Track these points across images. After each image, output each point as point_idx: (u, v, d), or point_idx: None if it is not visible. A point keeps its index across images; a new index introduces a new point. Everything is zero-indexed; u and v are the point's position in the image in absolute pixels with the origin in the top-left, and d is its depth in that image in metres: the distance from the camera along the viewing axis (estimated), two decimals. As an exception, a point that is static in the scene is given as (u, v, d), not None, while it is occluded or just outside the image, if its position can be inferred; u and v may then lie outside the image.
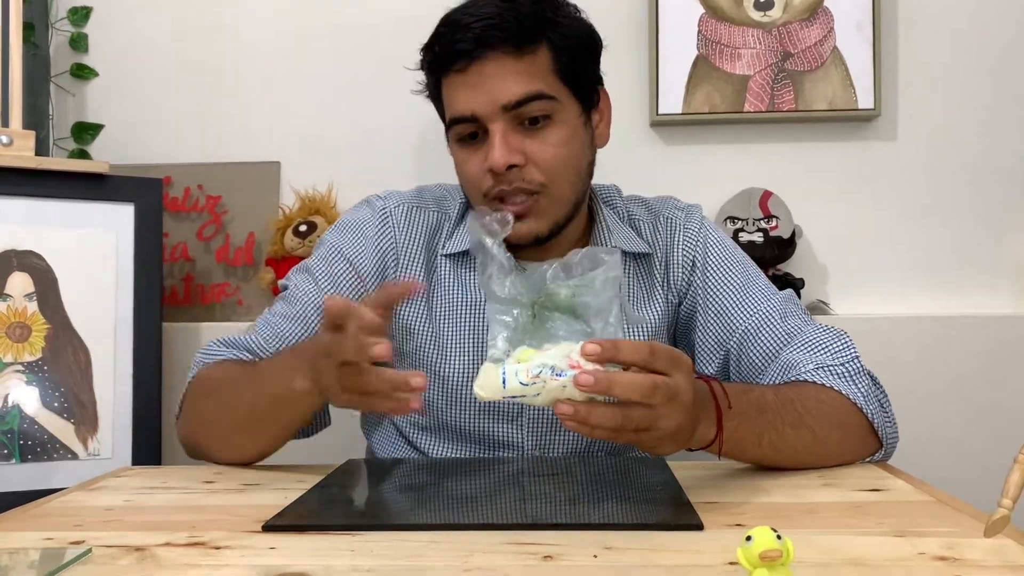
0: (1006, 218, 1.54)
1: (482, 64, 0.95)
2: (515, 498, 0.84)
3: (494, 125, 0.95)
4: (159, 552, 0.64)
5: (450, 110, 0.99)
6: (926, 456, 1.13)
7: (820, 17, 1.51)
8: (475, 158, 0.98)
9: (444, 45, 0.97)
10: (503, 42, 0.94)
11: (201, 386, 1.00)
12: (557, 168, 0.97)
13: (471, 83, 0.96)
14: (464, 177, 1.02)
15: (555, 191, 0.98)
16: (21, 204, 1.30)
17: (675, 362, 0.71)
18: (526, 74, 0.96)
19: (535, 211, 0.98)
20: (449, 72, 0.97)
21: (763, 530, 0.53)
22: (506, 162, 0.94)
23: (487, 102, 0.95)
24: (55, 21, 1.60)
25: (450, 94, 0.99)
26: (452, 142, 1.02)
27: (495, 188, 0.97)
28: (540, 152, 0.96)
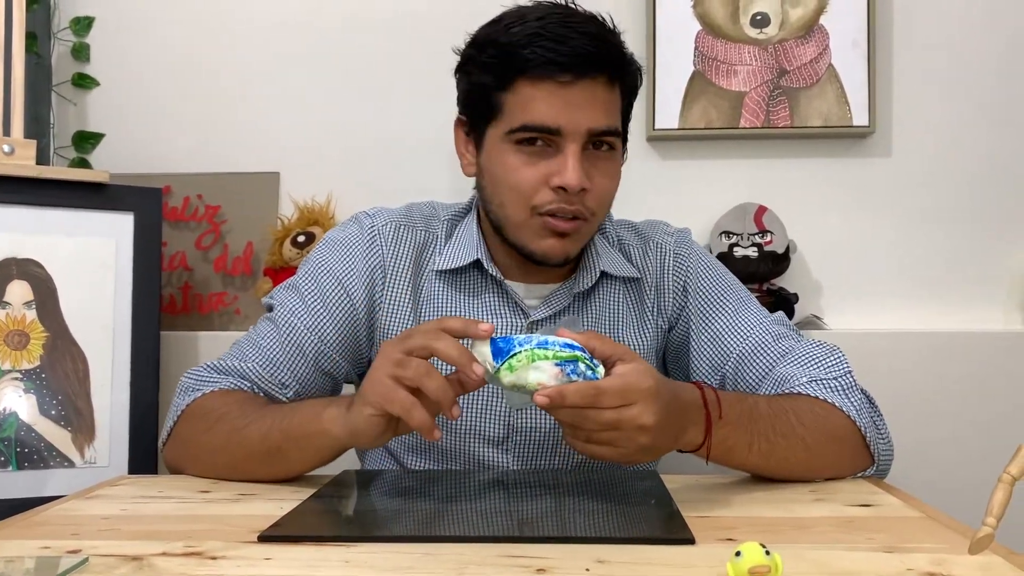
0: (999, 234, 1.55)
1: (586, 84, 0.94)
2: (509, 511, 0.84)
3: (573, 145, 0.94)
4: (156, 561, 0.65)
5: (526, 115, 0.95)
6: (918, 471, 1.14)
7: (816, 35, 1.53)
8: (533, 168, 0.96)
9: (544, 51, 0.93)
10: (608, 68, 0.95)
11: (201, 414, 0.96)
12: (606, 200, 1.00)
13: (567, 98, 0.93)
14: (514, 184, 0.97)
15: (596, 220, 1.00)
16: (22, 212, 1.31)
17: (625, 396, 0.75)
18: (613, 105, 0.97)
19: (576, 235, 0.98)
20: (544, 79, 0.94)
21: (752, 546, 0.54)
22: (581, 185, 0.94)
23: (578, 121, 0.94)
24: (57, 31, 1.61)
25: (533, 99, 0.94)
26: (505, 144, 0.97)
27: (554, 204, 0.95)
28: (600, 182, 0.97)
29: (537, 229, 0.98)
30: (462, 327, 0.79)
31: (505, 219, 1.00)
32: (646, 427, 0.75)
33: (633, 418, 0.75)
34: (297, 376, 1.02)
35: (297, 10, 1.61)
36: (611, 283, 1.08)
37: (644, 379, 0.76)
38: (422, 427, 0.77)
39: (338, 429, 0.84)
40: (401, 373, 0.77)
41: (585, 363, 0.75)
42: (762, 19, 1.54)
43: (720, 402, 0.83)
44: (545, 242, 0.98)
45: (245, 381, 1.00)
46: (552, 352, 0.75)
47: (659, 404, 0.76)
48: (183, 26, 1.63)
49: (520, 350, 0.75)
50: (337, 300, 1.03)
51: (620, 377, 0.76)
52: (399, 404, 0.77)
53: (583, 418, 0.76)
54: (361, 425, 0.81)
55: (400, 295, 1.05)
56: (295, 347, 1.02)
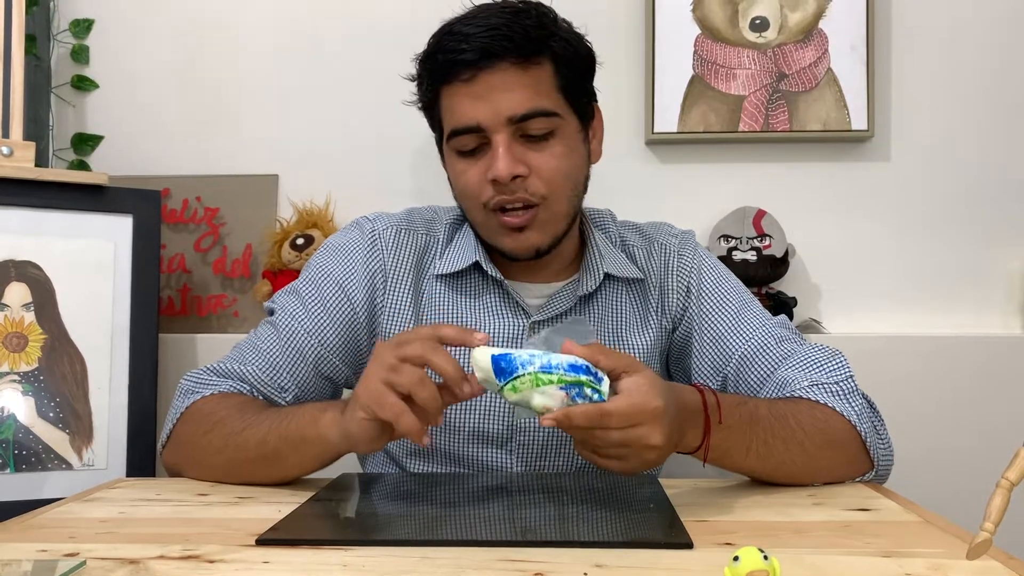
0: (998, 238, 1.55)
1: (489, 75, 0.95)
2: (507, 515, 0.84)
3: (498, 136, 0.95)
4: (153, 565, 0.65)
5: (452, 120, 0.98)
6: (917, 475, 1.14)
7: (815, 39, 1.53)
8: (475, 168, 0.98)
9: (448, 54, 0.95)
10: (510, 53, 0.94)
11: (199, 417, 0.96)
12: (558, 180, 0.98)
13: (476, 93, 0.95)
14: (463, 188, 1.01)
15: (554, 204, 0.99)
16: (21, 215, 1.30)
17: (631, 418, 0.74)
18: (531, 88, 0.96)
19: (535, 224, 0.98)
20: (453, 82, 0.96)
21: (750, 550, 0.54)
22: (510, 172, 0.94)
23: (493, 113, 0.95)
24: (57, 33, 1.61)
25: (452, 104, 0.98)
26: (450, 153, 1.01)
27: (496, 198, 0.97)
28: (542, 164, 0.97)
29: (496, 227, 0.99)
30: (457, 336, 0.79)
31: (473, 222, 1.03)
32: (654, 446, 0.75)
33: (640, 438, 0.75)
34: (297, 380, 1.02)
35: (296, 13, 1.61)
36: (614, 284, 1.08)
37: (651, 399, 0.75)
38: (410, 433, 0.76)
39: (334, 434, 0.84)
40: (395, 379, 0.77)
41: (590, 386, 0.74)
42: (761, 23, 1.54)
43: (720, 406, 0.83)
44: (508, 238, 0.99)
45: (244, 384, 1.00)
46: (557, 376, 0.73)
47: (666, 422, 0.75)
48: (182, 29, 1.63)
49: (523, 373, 0.74)
50: (338, 304, 1.04)
51: (627, 397, 0.75)
52: (389, 409, 0.77)
53: (591, 436, 0.77)
54: (354, 429, 0.81)
55: (401, 299, 1.05)
56: (295, 351, 1.02)
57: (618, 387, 0.76)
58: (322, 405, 0.88)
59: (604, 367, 0.76)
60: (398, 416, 0.77)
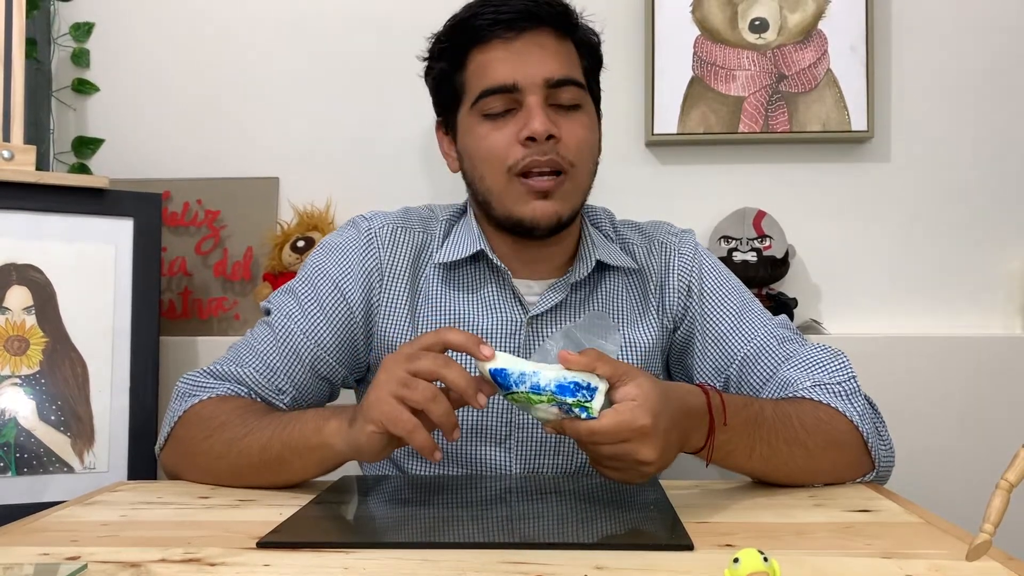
0: (998, 239, 1.55)
1: (530, 36, 0.97)
2: (507, 517, 0.84)
3: (533, 97, 0.96)
4: (155, 568, 0.65)
5: (484, 80, 0.97)
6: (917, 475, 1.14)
7: (814, 40, 1.53)
8: (502, 132, 0.97)
9: (488, 14, 0.97)
10: (551, 20, 0.98)
11: (199, 421, 0.96)
12: (584, 151, 1.00)
13: (518, 51, 0.97)
14: (486, 152, 0.98)
15: (578, 175, 1.00)
16: (21, 218, 1.31)
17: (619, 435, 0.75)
18: (566, 57, 0.99)
19: (560, 192, 0.98)
20: (491, 40, 0.97)
21: (750, 552, 0.54)
22: (547, 130, 0.95)
23: (532, 73, 0.96)
24: (57, 36, 1.61)
25: (487, 63, 0.98)
26: (473, 117, 0.99)
27: (527, 159, 0.96)
28: (572, 131, 0.98)
29: (519, 194, 0.98)
30: (463, 343, 0.79)
31: (488, 192, 1.00)
32: (645, 461, 0.76)
33: (629, 453, 0.76)
34: (294, 382, 1.02)
35: (296, 15, 1.61)
36: (613, 277, 1.08)
37: (639, 416, 0.74)
38: (424, 449, 0.77)
39: (340, 443, 0.84)
40: (407, 395, 0.77)
41: (579, 405, 0.75)
42: (760, 24, 1.54)
43: (725, 406, 0.83)
44: (530, 206, 0.98)
45: (242, 387, 1.00)
46: (546, 397, 0.75)
47: (657, 438, 0.75)
48: (183, 32, 1.63)
49: (516, 391, 0.76)
50: (334, 305, 1.03)
51: (615, 415, 0.75)
52: (402, 426, 0.77)
53: (586, 448, 0.78)
54: (362, 441, 0.81)
55: (397, 298, 1.04)
56: (292, 353, 1.02)
57: (613, 397, 0.76)
58: (326, 413, 0.88)
59: (603, 375, 0.76)
60: (411, 433, 0.77)
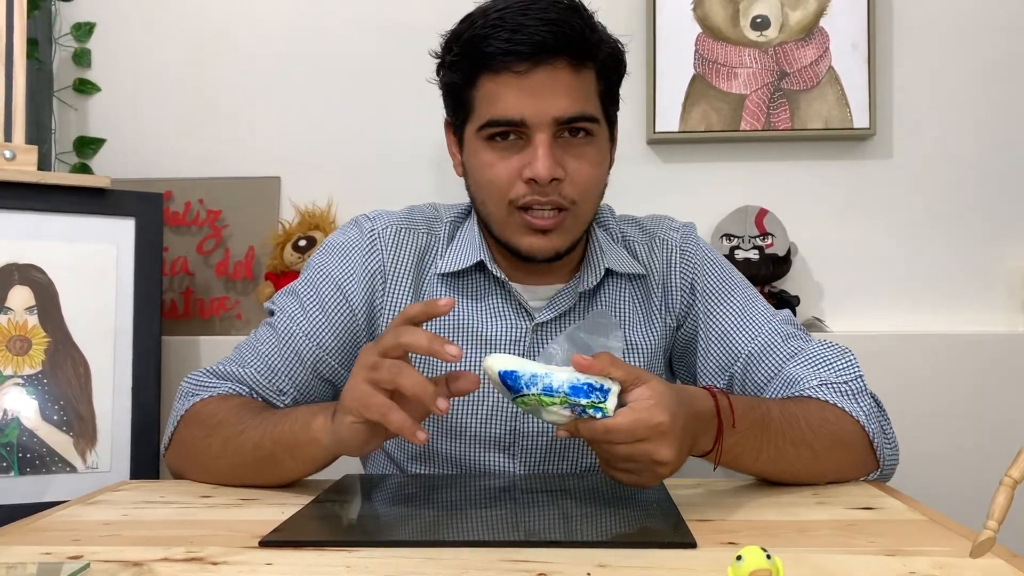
0: (1000, 236, 1.55)
1: (544, 71, 0.92)
2: (509, 515, 0.84)
3: (540, 135, 0.93)
4: (157, 567, 0.65)
5: (492, 111, 0.94)
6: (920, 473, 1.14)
7: (816, 37, 1.53)
8: (506, 163, 0.95)
9: (500, 42, 0.91)
10: (566, 52, 0.92)
11: (199, 419, 0.96)
12: (589, 188, 0.97)
13: (528, 88, 0.92)
14: (489, 181, 0.96)
15: (581, 210, 0.97)
16: (23, 218, 1.31)
17: (635, 434, 0.74)
18: (581, 91, 0.94)
19: (561, 228, 0.96)
20: (501, 72, 0.92)
21: (753, 550, 0.54)
22: (551, 175, 0.92)
23: (541, 111, 0.92)
24: (59, 37, 1.61)
25: (495, 93, 0.93)
26: (479, 140, 0.97)
27: (528, 197, 0.94)
28: (578, 170, 0.95)
29: (518, 225, 0.96)
30: (423, 310, 0.78)
31: (489, 216, 0.99)
32: (662, 461, 0.75)
33: (647, 453, 0.74)
34: (295, 383, 1.02)
35: (298, 15, 1.61)
36: (616, 281, 1.07)
37: (655, 414, 0.73)
38: (402, 429, 0.74)
39: (326, 439, 0.83)
40: (375, 376, 0.76)
41: (593, 406, 0.74)
42: (762, 22, 1.54)
43: (733, 409, 0.82)
44: (527, 239, 0.97)
45: (243, 386, 1.00)
46: (559, 398, 0.74)
47: (674, 437, 0.74)
48: (184, 31, 1.63)
49: (527, 393, 0.75)
50: (336, 306, 1.03)
51: (631, 413, 0.74)
52: (375, 409, 0.76)
53: (601, 449, 0.77)
54: (344, 434, 0.80)
55: (401, 300, 1.03)
56: (293, 354, 1.01)
57: (626, 399, 0.75)
58: (314, 409, 0.87)
59: (616, 378, 0.75)
60: (385, 414, 0.75)
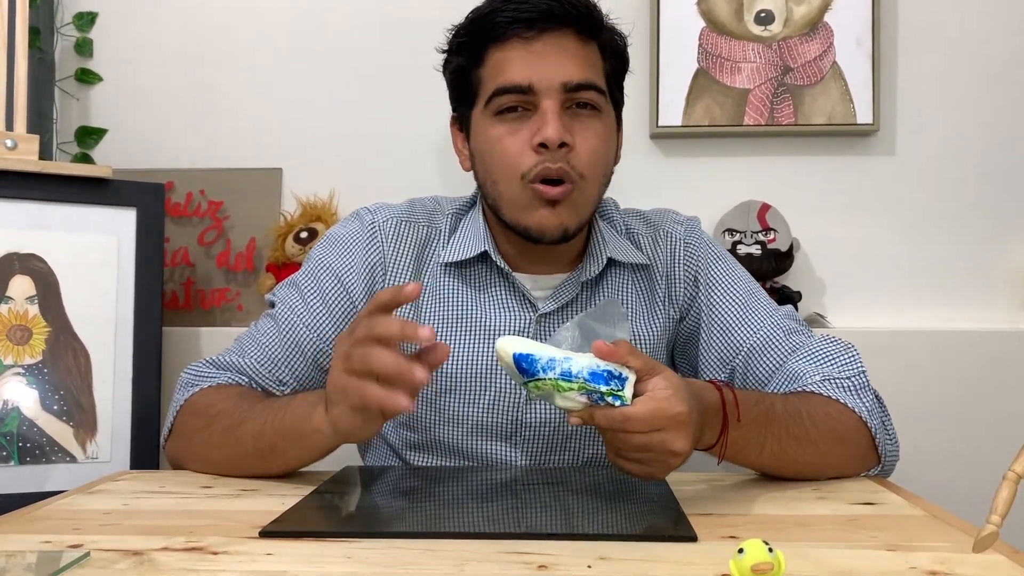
0: (1003, 232, 1.54)
1: (551, 37, 0.94)
2: (510, 507, 0.84)
3: (548, 101, 0.93)
4: (157, 557, 0.65)
5: (500, 78, 0.95)
6: (921, 470, 1.14)
7: (820, 32, 1.53)
8: (516, 135, 0.95)
9: (507, 12, 0.94)
10: (573, 21, 0.94)
11: (199, 410, 0.97)
12: (595, 162, 0.97)
13: (536, 52, 0.93)
14: (500, 155, 0.96)
15: (588, 186, 0.97)
16: (24, 208, 1.30)
17: (653, 423, 0.73)
18: (587, 60, 0.96)
19: (569, 202, 0.96)
20: (510, 39, 0.94)
21: (755, 543, 0.54)
22: (560, 137, 0.92)
23: (550, 76, 0.93)
24: (61, 26, 1.61)
25: (504, 61, 0.95)
26: (487, 118, 0.97)
27: (540, 165, 0.93)
28: (585, 140, 0.95)
29: (529, 201, 0.96)
30: (392, 296, 0.76)
31: (499, 196, 0.98)
32: (677, 452, 0.74)
33: (663, 443, 0.74)
34: (295, 374, 1.02)
35: (301, 6, 1.61)
36: (619, 271, 1.07)
37: (674, 404, 0.73)
38: (384, 400, 0.73)
39: (328, 429, 0.83)
40: (349, 365, 0.76)
41: (611, 394, 0.73)
42: (766, 16, 1.53)
43: (738, 404, 0.82)
44: (537, 214, 0.96)
45: (243, 377, 1.00)
46: (577, 384, 0.73)
47: (690, 428, 0.74)
48: (186, 21, 1.62)
49: (543, 378, 0.73)
50: (336, 298, 1.03)
51: (650, 402, 0.73)
52: (353, 392, 0.75)
53: (615, 438, 0.76)
54: (340, 424, 0.80)
55: None
56: (294, 345, 1.02)
57: (641, 388, 0.74)
58: (312, 399, 0.87)
59: (634, 367, 0.74)
60: (363, 394, 0.74)
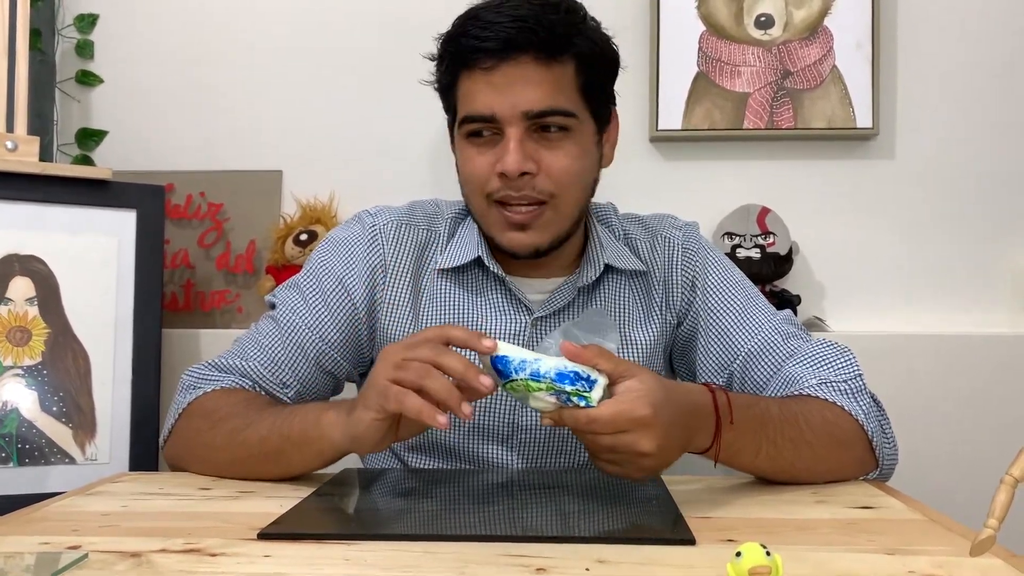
0: (1003, 236, 1.54)
1: (509, 67, 0.93)
2: (509, 510, 0.84)
3: (511, 130, 0.94)
4: (155, 558, 0.65)
5: (466, 107, 0.97)
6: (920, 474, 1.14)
7: (820, 36, 1.53)
8: (483, 157, 0.97)
9: (471, 39, 0.94)
10: (533, 47, 0.93)
11: (203, 413, 0.96)
12: (567, 181, 0.97)
13: (495, 84, 0.94)
14: (468, 175, 0.99)
15: (561, 204, 0.98)
16: (24, 209, 1.31)
17: (617, 425, 0.74)
18: (551, 85, 0.94)
19: (539, 222, 0.97)
20: (473, 68, 0.95)
21: (753, 546, 0.54)
22: (519, 168, 0.93)
23: (509, 106, 0.94)
24: (62, 28, 1.61)
25: (470, 90, 0.96)
26: (460, 137, 1.00)
27: (501, 192, 0.96)
28: (553, 163, 0.96)
29: (497, 220, 0.98)
30: (465, 338, 0.78)
31: (473, 211, 1.02)
32: (645, 453, 0.75)
33: (629, 444, 0.74)
34: (298, 376, 1.02)
35: (300, 9, 1.61)
36: (617, 277, 1.07)
37: (639, 406, 0.74)
38: (421, 413, 0.74)
39: (338, 435, 0.83)
40: (401, 376, 0.76)
41: (577, 394, 0.74)
42: (766, 20, 1.54)
43: (731, 406, 0.82)
44: (507, 234, 0.98)
45: (246, 380, 1.00)
46: (545, 384, 0.75)
47: (658, 430, 0.74)
48: (187, 24, 1.63)
49: (516, 378, 0.75)
50: (338, 299, 1.03)
51: (614, 404, 0.74)
52: (394, 399, 0.76)
53: (585, 440, 0.77)
54: (361, 430, 0.80)
55: (400, 294, 1.04)
56: (296, 346, 1.02)
57: (614, 391, 0.75)
58: (324, 405, 0.88)
59: (604, 370, 0.75)
60: (403, 400, 0.75)
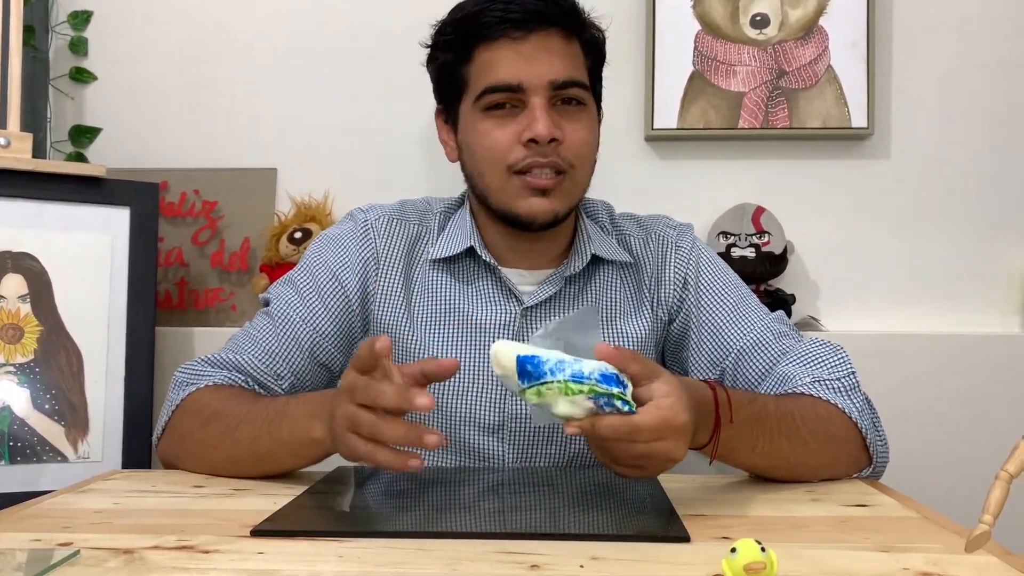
0: (997, 237, 1.55)
1: (538, 37, 0.98)
2: (503, 507, 0.84)
3: (537, 98, 0.97)
4: (147, 555, 0.64)
5: (489, 78, 0.98)
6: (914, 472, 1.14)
7: (815, 36, 1.53)
8: (505, 129, 0.98)
9: (496, 12, 0.97)
10: (559, 21, 0.99)
11: (195, 409, 0.96)
12: (584, 153, 1.01)
13: (524, 53, 0.97)
14: (487, 148, 0.99)
15: (578, 175, 1.01)
16: (17, 206, 1.30)
17: (660, 433, 0.72)
18: (571, 58, 1.00)
19: (559, 190, 1.00)
20: (498, 38, 0.98)
21: (748, 542, 0.54)
22: (550, 134, 0.96)
23: (539, 75, 0.97)
24: (55, 25, 1.60)
25: (493, 61, 0.98)
26: (476, 112, 1.00)
27: (527, 159, 0.97)
28: (574, 134, 0.99)
29: (518, 190, 0.99)
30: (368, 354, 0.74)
31: (487, 187, 1.02)
32: (676, 460, 0.74)
33: (666, 451, 0.73)
34: (292, 367, 1.02)
35: (296, 7, 1.61)
36: (607, 269, 1.08)
37: (679, 413, 0.72)
38: (392, 466, 0.73)
39: (328, 441, 0.82)
40: (356, 429, 0.75)
41: (620, 398, 0.70)
42: (762, 20, 1.54)
43: (731, 404, 0.82)
44: (528, 201, 0.99)
45: (239, 374, 1.00)
46: (588, 387, 0.69)
47: (690, 435, 0.74)
48: (181, 21, 1.62)
49: (552, 380, 0.69)
50: (332, 292, 1.04)
51: (656, 411, 0.71)
52: (363, 454, 0.75)
53: (614, 446, 0.74)
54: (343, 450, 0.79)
55: (392, 285, 1.05)
56: (291, 338, 1.02)
57: (642, 394, 0.73)
58: (310, 408, 0.86)
59: (633, 373, 0.72)
60: (372, 455, 0.74)
